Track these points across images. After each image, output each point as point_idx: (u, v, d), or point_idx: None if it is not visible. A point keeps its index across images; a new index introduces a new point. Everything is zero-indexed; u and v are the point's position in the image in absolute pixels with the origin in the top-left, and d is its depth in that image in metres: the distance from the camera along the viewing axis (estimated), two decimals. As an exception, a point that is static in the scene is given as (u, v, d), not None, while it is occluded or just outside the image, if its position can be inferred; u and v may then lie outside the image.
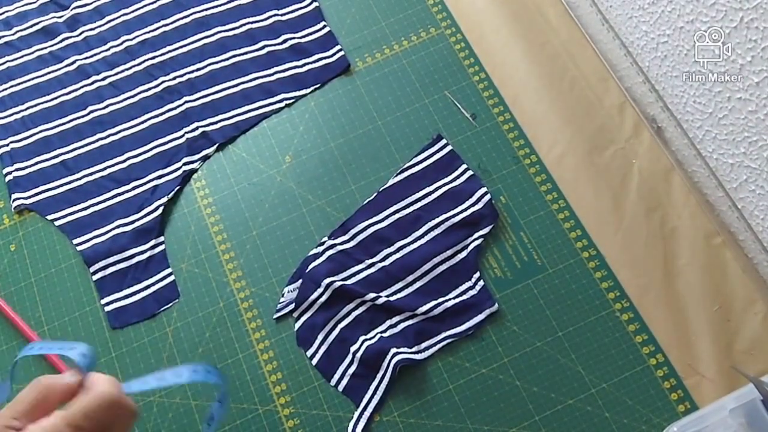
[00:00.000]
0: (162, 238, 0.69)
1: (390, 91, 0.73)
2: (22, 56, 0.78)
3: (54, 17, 0.79)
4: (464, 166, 0.68)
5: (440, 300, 0.63)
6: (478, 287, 0.63)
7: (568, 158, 0.68)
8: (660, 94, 0.67)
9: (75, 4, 0.79)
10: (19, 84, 0.77)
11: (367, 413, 0.60)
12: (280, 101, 0.73)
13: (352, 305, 0.64)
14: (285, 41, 0.76)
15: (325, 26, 0.76)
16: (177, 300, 0.66)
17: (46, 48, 0.78)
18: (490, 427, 0.59)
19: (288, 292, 0.65)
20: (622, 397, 0.59)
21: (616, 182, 0.66)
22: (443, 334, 0.62)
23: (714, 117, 0.60)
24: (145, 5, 0.79)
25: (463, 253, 0.65)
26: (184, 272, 0.67)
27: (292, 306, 0.64)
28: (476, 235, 0.65)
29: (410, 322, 0.63)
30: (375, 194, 0.68)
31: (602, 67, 0.71)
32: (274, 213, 0.69)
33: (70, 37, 0.78)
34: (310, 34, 0.76)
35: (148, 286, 0.67)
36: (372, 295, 0.63)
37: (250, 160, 0.71)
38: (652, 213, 0.65)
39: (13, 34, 0.79)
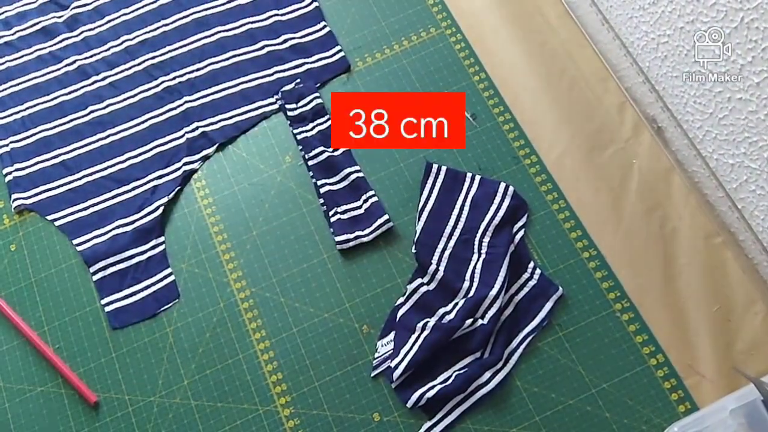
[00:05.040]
0: (162, 239, 0.69)
1: (390, 91, 0.73)
2: (22, 56, 0.78)
3: (54, 17, 0.79)
4: (469, 174, 0.67)
5: (509, 295, 0.62)
6: (536, 276, 0.63)
7: (568, 158, 0.68)
8: (660, 94, 0.67)
9: (75, 4, 0.79)
10: (19, 84, 0.77)
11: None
12: (281, 101, 0.73)
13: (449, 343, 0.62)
14: (285, 41, 0.76)
15: (325, 26, 0.76)
16: (177, 300, 0.66)
17: (45, 48, 0.78)
18: (491, 427, 0.59)
19: (382, 346, 0.62)
20: (623, 398, 0.59)
21: (616, 182, 0.66)
22: (522, 334, 0.61)
23: (714, 117, 0.60)
24: (144, 5, 0.79)
25: (511, 247, 0.64)
26: (184, 272, 0.67)
27: (388, 362, 0.61)
28: (517, 227, 0.65)
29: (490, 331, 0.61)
30: (413, 246, 0.65)
31: (602, 67, 0.71)
32: (275, 213, 0.69)
33: (70, 37, 0.78)
34: (310, 34, 0.76)
35: (148, 286, 0.67)
36: (469, 321, 0.61)
37: (250, 160, 0.71)
38: (652, 213, 0.65)
39: (12, 34, 0.79)
